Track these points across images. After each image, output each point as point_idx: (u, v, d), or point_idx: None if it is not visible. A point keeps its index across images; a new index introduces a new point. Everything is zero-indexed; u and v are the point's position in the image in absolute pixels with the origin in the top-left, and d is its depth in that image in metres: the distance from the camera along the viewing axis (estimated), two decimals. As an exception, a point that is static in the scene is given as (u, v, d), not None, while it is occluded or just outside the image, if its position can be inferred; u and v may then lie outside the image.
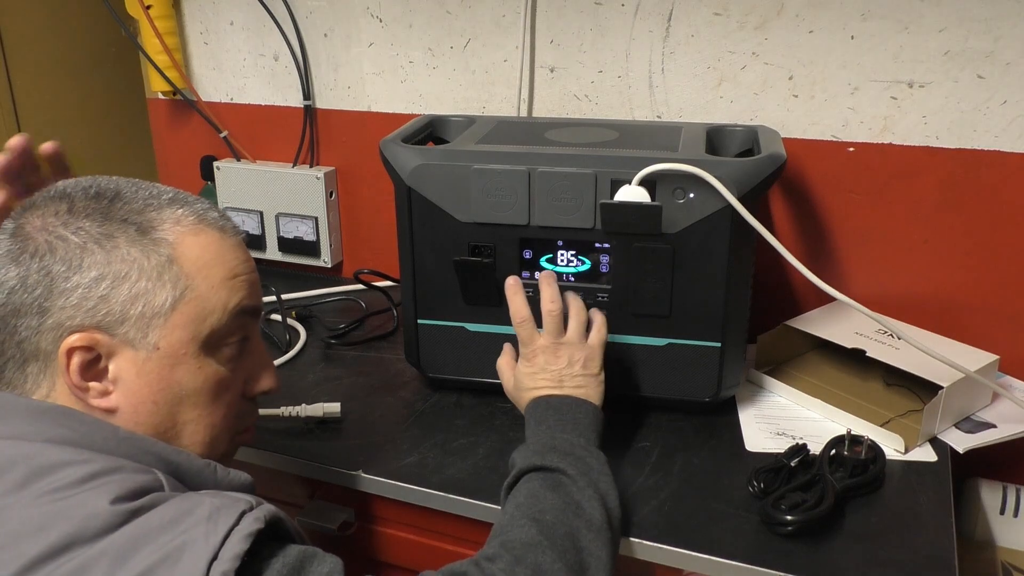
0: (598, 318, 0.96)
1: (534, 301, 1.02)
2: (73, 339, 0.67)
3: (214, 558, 0.58)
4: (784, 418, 1.04)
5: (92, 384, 0.69)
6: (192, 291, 0.71)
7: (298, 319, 1.30)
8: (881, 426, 1.00)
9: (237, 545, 0.59)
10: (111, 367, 0.69)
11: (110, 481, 0.62)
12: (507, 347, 1.01)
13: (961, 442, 0.98)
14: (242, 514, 0.62)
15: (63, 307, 0.68)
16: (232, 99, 1.50)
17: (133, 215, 0.71)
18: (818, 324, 1.11)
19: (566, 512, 0.77)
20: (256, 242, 1.51)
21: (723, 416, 1.04)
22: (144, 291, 0.69)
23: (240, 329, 0.75)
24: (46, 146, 0.84)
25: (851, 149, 1.16)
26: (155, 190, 0.74)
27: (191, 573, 0.57)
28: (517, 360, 0.97)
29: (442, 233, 1.01)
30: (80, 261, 0.68)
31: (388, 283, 1.38)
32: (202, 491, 0.67)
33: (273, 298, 1.31)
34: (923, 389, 1.05)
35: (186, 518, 0.61)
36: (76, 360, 0.68)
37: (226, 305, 0.73)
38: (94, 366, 0.69)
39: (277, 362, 1.17)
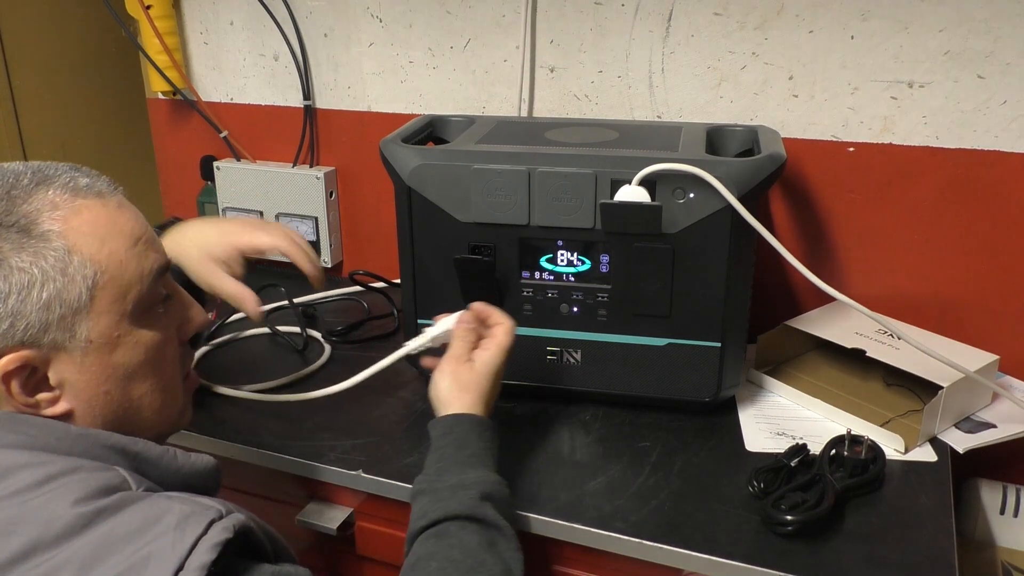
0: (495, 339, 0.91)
1: (536, 301, 1.02)
2: (3, 363, 0.65)
3: (180, 568, 0.58)
4: (784, 418, 1.04)
5: (39, 397, 0.68)
6: (102, 273, 0.68)
7: (305, 317, 1.30)
8: (881, 426, 1.00)
9: (204, 555, 0.58)
10: (51, 375, 0.68)
11: (69, 482, 0.62)
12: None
13: (961, 442, 0.98)
14: (210, 523, 0.61)
15: None
16: (232, 99, 1.50)
17: (3, 215, 0.66)
18: (818, 324, 1.11)
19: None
20: (256, 242, 1.51)
21: (723, 416, 1.04)
22: (55, 293, 0.66)
23: (160, 290, 0.74)
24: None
25: (851, 149, 1.16)
26: (11, 176, 0.69)
27: None
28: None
29: (442, 233, 1.01)
30: None
31: (384, 284, 1.38)
32: (171, 495, 0.66)
33: (284, 302, 1.32)
34: (923, 389, 1.05)
35: (153, 526, 0.60)
36: (15, 384, 0.66)
37: (141, 274, 0.71)
38: (33, 378, 0.68)
39: (300, 374, 1.15)
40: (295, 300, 1.32)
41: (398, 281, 1.08)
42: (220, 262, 0.96)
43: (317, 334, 1.25)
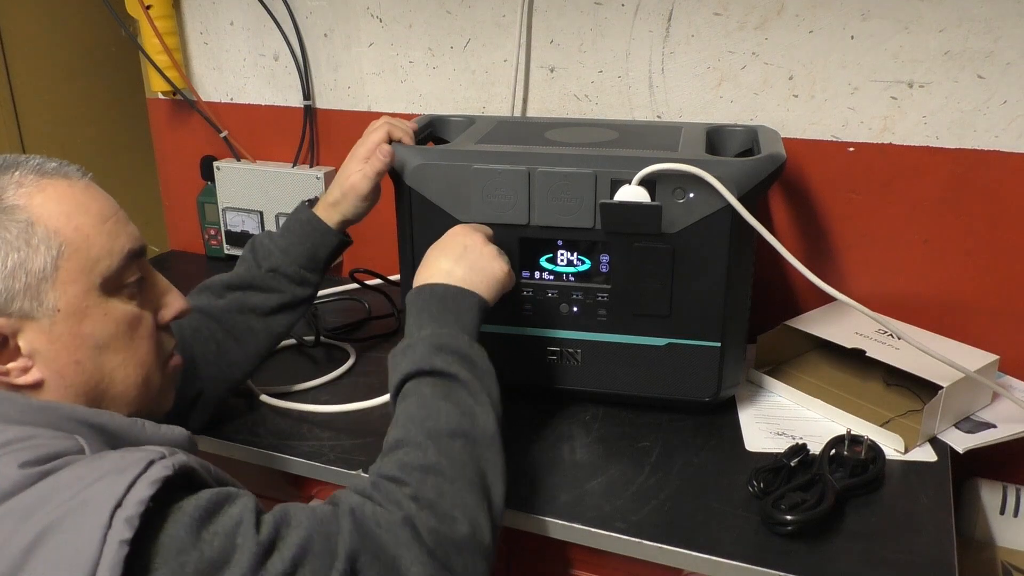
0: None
1: (536, 301, 1.02)
2: None
3: (118, 505, 0.57)
4: (784, 418, 1.04)
5: (10, 366, 0.69)
6: (68, 245, 0.69)
7: (313, 318, 1.28)
8: (881, 426, 1.00)
9: (142, 491, 0.58)
10: (21, 343, 0.69)
11: (22, 448, 0.62)
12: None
13: (961, 442, 0.98)
14: (150, 463, 0.61)
15: None
16: (232, 99, 1.50)
17: None
18: (818, 324, 1.11)
19: (462, 423, 0.75)
20: (256, 242, 1.51)
21: (723, 416, 1.04)
22: (19, 262, 0.67)
23: (134, 272, 0.74)
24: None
25: (851, 149, 1.16)
26: None
27: (94, 523, 0.56)
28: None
29: (442, 233, 1.00)
30: None
31: (381, 281, 1.38)
32: (120, 449, 0.66)
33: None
34: (923, 389, 1.05)
35: (94, 473, 0.60)
36: None
37: (111, 250, 0.72)
38: (3, 348, 0.68)
39: (321, 380, 1.14)
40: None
41: (394, 277, 1.08)
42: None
43: (342, 343, 1.24)
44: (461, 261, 0.88)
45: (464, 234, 0.91)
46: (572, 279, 1.01)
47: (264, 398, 1.07)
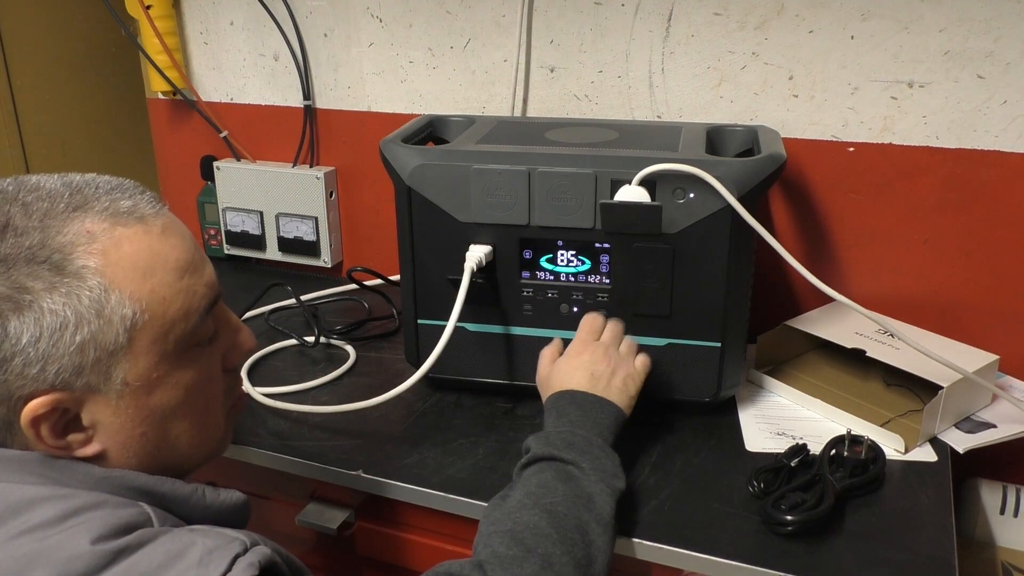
0: (644, 356, 0.97)
1: (536, 301, 1.02)
2: (33, 407, 0.61)
3: None
4: (784, 418, 1.04)
5: (71, 438, 0.64)
6: (143, 313, 0.63)
7: (314, 318, 1.28)
8: (881, 426, 1.00)
9: None
10: (83, 416, 0.64)
11: (91, 518, 0.59)
12: (557, 340, 1.00)
13: (961, 442, 0.98)
14: (235, 558, 0.58)
15: (5, 381, 0.61)
16: (232, 99, 1.50)
17: (37, 248, 0.61)
18: (818, 324, 1.11)
19: (577, 504, 0.77)
20: (256, 242, 1.51)
21: (723, 416, 1.04)
22: (90, 335, 0.61)
23: (209, 327, 0.69)
24: None
25: (851, 149, 1.16)
26: (46, 201, 0.63)
27: None
28: (561, 356, 0.96)
29: (442, 233, 1.01)
30: (3, 330, 0.60)
31: (380, 281, 1.38)
32: (194, 528, 0.63)
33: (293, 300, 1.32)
34: (923, 389, 1.05)
35: (175, 562, 0.57)
36: (45, 428, 0.62)
37: (187, 312, 0.66)
38: (64, 419, 0.63)
39: (321, 380, 1.14)
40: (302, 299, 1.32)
41: (394, 278, 1.08)
42: None
43: (343, 343, 1.24)
44: (598, 387, 0.91)
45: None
46: (572, 279, 1.01)
47: (264, 398, 1.07)
